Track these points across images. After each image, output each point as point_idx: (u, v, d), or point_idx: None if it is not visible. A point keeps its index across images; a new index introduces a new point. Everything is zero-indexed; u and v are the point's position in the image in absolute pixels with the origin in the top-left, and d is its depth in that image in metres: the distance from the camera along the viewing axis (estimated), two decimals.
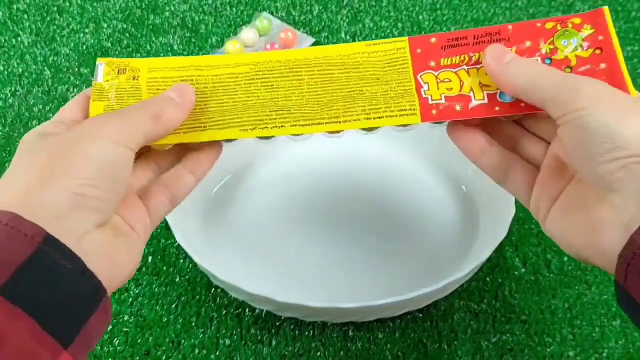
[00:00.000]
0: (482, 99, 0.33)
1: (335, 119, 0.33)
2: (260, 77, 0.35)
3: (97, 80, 0.34)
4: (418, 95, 0.33)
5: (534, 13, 0.64)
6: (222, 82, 0.35)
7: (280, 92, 0.34)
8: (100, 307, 0.26)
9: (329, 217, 0.48)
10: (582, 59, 0.33)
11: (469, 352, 0.42)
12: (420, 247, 0.46)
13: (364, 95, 0.34)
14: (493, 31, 0.34)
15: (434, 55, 0.34)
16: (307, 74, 0.35)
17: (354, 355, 0.42)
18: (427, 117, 0.33)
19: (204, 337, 0.43)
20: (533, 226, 0.48)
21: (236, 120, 0.34)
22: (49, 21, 0.65)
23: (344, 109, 0.33)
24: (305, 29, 0.64)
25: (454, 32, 0.34)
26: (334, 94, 0.34)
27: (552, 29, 0.34)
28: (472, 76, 0.34)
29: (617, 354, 0.42)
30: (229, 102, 0.34)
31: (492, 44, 0.33)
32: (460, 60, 0.34)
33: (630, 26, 0.63)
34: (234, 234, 0.47)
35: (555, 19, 0.34)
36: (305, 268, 0.45)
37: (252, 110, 0.34)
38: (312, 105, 0.34)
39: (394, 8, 0.66)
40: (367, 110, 0.33)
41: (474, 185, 0.47)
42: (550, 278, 0.46)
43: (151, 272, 0.46)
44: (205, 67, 0.35)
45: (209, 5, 0.66)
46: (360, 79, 0.34)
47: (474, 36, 0.34)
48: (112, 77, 0.35)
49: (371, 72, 0.34)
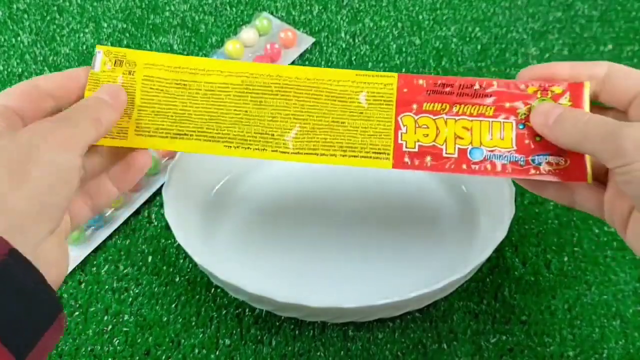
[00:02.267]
0: (453, 153, 0.35)
1: (314, 152, 0.35)
2: (251, 91, 0.36)
3: (95, 69, 0.35)
4: (395, 139, 0.35)
5: (534, 13, 0.64)
6: (213, 90, 0.36)
7: (268, 110, 0.35)
8: (57, 321, 0.26)
9: (329, 217, 0.48)
10: None
11: (469, 353, 0.42)
12: (420, 247, 0.46)
13: (344, 127, 0.35)
14: (478, 84, 0.35)
15: (419, 98, 0.35)
16: (295, 96, 0.36)
17: (354, 355, 0.42)
18: (399, 164, 0.35)
19: (204, 337, 0.43)
20: (533, 226, 0.48)
21: (222, 135, 0.35)
22: (49, 21, 0.65)
23: (323, 142, 0.35)
24: (305, 29, 0.64)
25: (442, 78, 0.36)
26: (317, 121, 0.35)
27: (533, 94, 0.35)
28: (449, 126, 0.35)
29: (617, 355, 0.42)
30: (217, 112, 0.35)
31: (541, 104, 0.34)
32: (441, 108, 0.35)
33: (630, 26, 0.63)
34: (234, 234, 0.47)
35: (539, 83, 0.35)
36: (306, 268, 0.45)
37: (238, 128, 0.35)
38: (295, 133, 0.35)
39: (394, 8, 0.66)
40: (344, 147, 0.35)
41: (474, 185, 0.47)
42: (550, 278, 0.46)
43: (151, 272, 0.47)
44: (200, 71, 0.36)
45: (209, 5, 0.66)
46: (344, 110, 0.36)
47: (459, 85, 0.35)
48: (109, 69, 0.35)
49: (356, 104, 0.36)
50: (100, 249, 0.48)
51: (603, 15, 0.64)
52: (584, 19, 0.64)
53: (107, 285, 0.46)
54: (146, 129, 0.35)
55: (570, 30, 0.63)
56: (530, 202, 0.50)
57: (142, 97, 0.35)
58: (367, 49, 0.62)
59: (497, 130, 0.35)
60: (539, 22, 0.64)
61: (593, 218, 0.49)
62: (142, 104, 0.35)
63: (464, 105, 0.35)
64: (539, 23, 0.64)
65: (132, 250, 0.48)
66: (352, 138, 0.35)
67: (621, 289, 0.45)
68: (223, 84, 0.36)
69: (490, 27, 0.64)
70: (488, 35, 0.63)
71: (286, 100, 0.36)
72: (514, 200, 0.42)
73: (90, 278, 0.46)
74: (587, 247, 0.47)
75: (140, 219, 0.50)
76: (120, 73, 0.35)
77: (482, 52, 0.61)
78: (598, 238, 0.48)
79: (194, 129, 0.35)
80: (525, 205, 0.50)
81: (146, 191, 0.51)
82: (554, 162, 0.34)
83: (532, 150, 0.34)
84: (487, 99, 0.35)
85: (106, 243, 0.48)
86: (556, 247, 0.47)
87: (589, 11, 0.65)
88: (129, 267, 0.47)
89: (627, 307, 0.44)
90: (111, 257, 0.47)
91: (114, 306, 0.45)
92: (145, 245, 0.48)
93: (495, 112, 0.35)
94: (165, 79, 0.36)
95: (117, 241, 0.48)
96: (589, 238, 0.48)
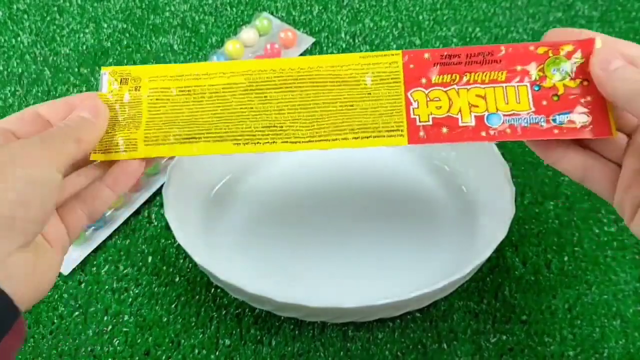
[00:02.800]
0: (469, 121, 0.34)
1: (325, 138, 0.34)
2: (254, 88, 0.36)
3: (102, 91, 0.36)
4: (407, 114, 0.34)
5: (534, 13, 0.64)
6: (217, 92, 0.36)
7: (274, 104, 0.35)
8: (14, 328, 0.27)
9: (329, 217, 0.48)
10: (569, 88, 0.34)
11: (469, 353, 0.42)
12: (420, 247, 0.46)
13: (354, 110, 0.35)
14: (486, 51, 0.34)
15: (426, 72, 0.35)
16: (300, 87, 0.35)
17: (354, 355, 0.42)
18: (414, 139, 0.34)
19: (203, 337, 0.43)
20: (533, 226, 0.48)
21: (230, 133, 0.35)
22: (49, 21, 0.65)
23: (334, 127, 0.34)
24: (306, 29, 0.64)
25: (448, 49, 0.35)
26: (325, 108, 0.35)
27: (544, 54, 0.34)
28: (461, 96, 0.34)
29: (618, 354, 0.42)
30: (224, 113, 0.35)
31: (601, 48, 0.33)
32: (451, 79, 0.35)
33: (630, 26, 0.63)
34: (234, 234, 0.47)
35: (548, 44, 0.34)
36: (305, 268, 0.45)
37: (245, 125, 0.35)
38: (304, 121, 0.35)
39: (394, 8, 0.66)
40: (356, 129, 0.34)
41: (474, 185, 0.47)
42: (550, 278, 0.46)
43: (151, 272, 0.46)
44: (203, 75, 0.36)
45: (209, 5, 0.66)
46: (352, 93, 0.35)
47: (467, 55, 0.35)
48: (116, 88, 0.36)
49: (362, 86, 0.35)
50: (100, 249, 0.48)
51: (603, 15, 0.64)
52: (584, 19, 0.64)
53: (107, 285, 0.46)
54: (154, 138, 0.35)
55: None
56: (530, 202, 0.50)
57: (150, 110, 0.36)
58: (368, 49, 0.62)
59: (513, 95, 0.34)
60: (539, 22, 0.64)
61: (593, 218, 0.49)
62: (150, 116, 0.36)
63: (475, 73, 0.34)
64: (539, 23, 0.64)
65: (132, 250, 0.48)
66: (363, 119, 0.34)
67: (621, 289, 0.45)
68: (227, 85, 0.36)
69: (491, 27, 0.64)
70: (488, 36, 0.63)
71: (291, 93, 0.35)
72: (514, 200, 0.42)
73: (90, 278, 0.46)
74: (588, 247, 0.47)
75: (140, 219, 0.50)
76: (127, 90, 0.36)
77: None
78: (598, 238, 0.48)
79: (202, 131, 0.35)
80: (525, 205, 0.50)
81: (146, 191, 0.51)
82: (576, 120, 0.33)
83: (551, 109, 0.33)
84: (497, 64, 0.34)
85: (106, 243, 0.48)
86: (556, 247, 0.47)
87: (589, 11, 0.65)
88: (129, 267, 0.47)
89: (628, 306, 0.44)
90: (111, 257, 0.47)
91: (113, 306, 0.45)
92: (145, 246, 0.48)
93: (508, 76, 0.34)
94: (170, 88, 0.36)
95: (117, 241, 0.48)
96: (589, 238, 0.48)
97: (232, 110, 0.35)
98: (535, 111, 0.33)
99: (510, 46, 0.34)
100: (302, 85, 0.35)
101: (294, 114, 0.35)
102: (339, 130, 0.35)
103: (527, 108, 0.34)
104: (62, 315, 0.44)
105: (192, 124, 0.35)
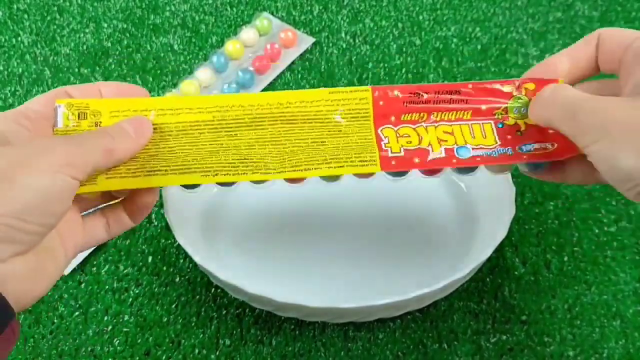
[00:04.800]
0: (440, 153, 0.34)
1: (298, 167, 0.34)
2: (224, 126, 0.35)
3: (58, 126, 0.33)
4: (378, 148, 0.35)
5: (534, 13, 0.64)
6: (185, 130, 0.34)
7: (244, 140, 0.35)
8: (7, 330, 0.26)
9: (329, 217, 0.48)
10: (530, 125, 0.35)
11: (469, 353, 0.42)
12: (420, 247, 0.46)
13: (326, 146, 0.35)
14: (453, 89, 0.35)
15: (395, 110, 0.35)
16: (270, 124, 0.35)
17: (355, 355, 0.42)
18: (387, 167, 0.34)
19: (204, 337, 0.43)
20: (533, 226, 0.48)
21: (198, 166, 0.34)
22: (49, 21, 0.65)
23: (306, 159, 0.34)
24: (306, 29, 0.64)
25: (417, 86, 0.35)
26: (297, 144, 0.35)
27: (508, 93, 0.35)
28: (430, 133, 0.35)
29: (617, 354, 0.42)
30: (192, 150, 0.34)
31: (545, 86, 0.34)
32: (419, 117, 0.35)
33: (631, 26, 0.63)
34: (234, 234, 0.47)
35: (513, 82, 0.35)
36: (305, 268, 0.45)
37: (215, 158, 0.34)
38: (275, 155, 0.34)
39: (394, 8, 0.66)
40: (329, 159, 0.34)
41: (474, 185, 0.47)
42: (550, 278, 0.46)
43: (151, 272, 0.47)
44: (168, 111, 0.35)
45: (210, 5, 0.66)
46: (322, 131, 0.35)
47: (435, 91, 0.35)
48: (73, 123, 0.33)
49: (333, 123, 0.35)
50: (100, 249, 0.48)
51: (603, 15, 0.64)
52: (584, 19, 0.64)
53: (107, 285, 0.46)
54: (117, 171, 0.33)
55: (570, 30, 0.63)
56: (530, 202, 0.50)
57: None
58: (368, 49, 0.62)
59: (478, 131, 0.35)
60: (539, 22, 0.64)
61: (593, 218, 0.49)
62: None
63: (441, 112, 0.35)
64: (539, 23, 0.64)
65: (132, 250, 0.48)
66: (335, 152, 0.34)
67: (621, 289, 0.45)
68: (194, 122, 0.34)
69: (491, 27, 0.64)
70: (488, 36, 0.63)
71: (262, 130, 0.35)
72: (514, 200, 0.42)
73: (90, 278, 0.46)
74: (587, 247, 0.47)
75: None
76: (86, 126, 0.33)
77: (482, 53, 0.61)
78: (598, 238, 0.48)
79: (168, 164, 0.33)
80: (525, 205, 0.50)
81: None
82: (541, 147, 0.34)
83: (516, 142, 0.35)
84: (463, 104, 0.35)
85: (106, 243, 0.48)
86: (556, 247, 0.47)
87: (589, 11, 0.65)
88: (129, 267, 0.47)
89: (627, 307, 0.44)
90: (111, 258, 0.47)
91: (114, 306, 0.45)
92: (145, 246, 0.48)
93: (473, 116, 0.35)
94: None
95: (117, 241, 0.48)
96: (589, 238, 0.48)
97: (200, 146, 0.34)
98: (501, 144, 0.35)
99: (477, 84, 0.35)
100: (272, 123, 0.35)
101: (265, 150, 0.34)
102: (312, 161, 0.34)
103: (493, 142, 0.35)
104: (62, 315, 0.44)
105: (159, 159, 0.33)
